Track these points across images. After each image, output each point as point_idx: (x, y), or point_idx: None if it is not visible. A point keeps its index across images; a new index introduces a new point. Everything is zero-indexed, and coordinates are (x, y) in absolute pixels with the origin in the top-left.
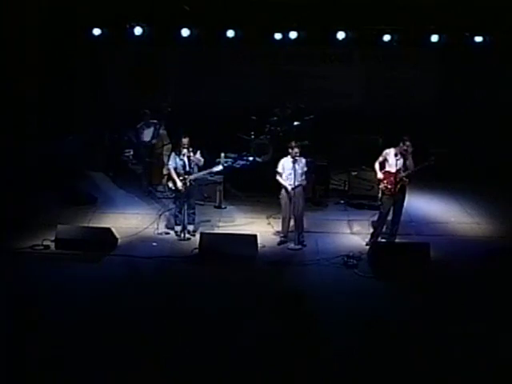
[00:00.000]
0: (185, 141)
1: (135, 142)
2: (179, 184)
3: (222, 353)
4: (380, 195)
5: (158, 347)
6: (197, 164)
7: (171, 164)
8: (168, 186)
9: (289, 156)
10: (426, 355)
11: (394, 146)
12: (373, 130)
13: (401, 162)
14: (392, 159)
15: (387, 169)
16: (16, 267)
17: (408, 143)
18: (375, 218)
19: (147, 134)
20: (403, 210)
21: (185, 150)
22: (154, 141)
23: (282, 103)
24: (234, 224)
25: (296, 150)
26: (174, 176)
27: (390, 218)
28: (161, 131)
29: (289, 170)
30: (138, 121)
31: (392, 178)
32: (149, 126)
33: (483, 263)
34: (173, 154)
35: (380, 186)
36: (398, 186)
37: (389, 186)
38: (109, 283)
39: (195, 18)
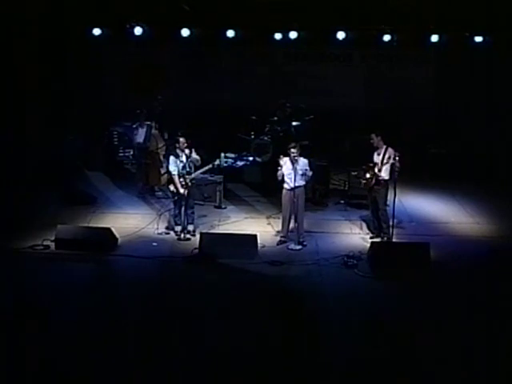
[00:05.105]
0: (182, 140)
1: (133, 142)
2: (181, 190)
3: (222, 353)
4: None
5: (157, 347)
6: (194, 163)
7: (173, 169)
8: (170, 189)
9: (288, 157)
10: (426, 355)
11: (390, 145)
12: (373, 129)
13: (379, 157)
14: (375, 156)
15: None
16: (16, 267)
17: (372, 138)
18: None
19: (141, 135)
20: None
21: (187, 151)
22: (148, 143)
23: (282, 103)
24: (234, 224)
25: (293, 150)
26: (177, 182)
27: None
28: (153, 131)
29: (289, 171)
30: (134, 121)
31: (369, 172)
32: (142, 127)
33: (483, 263)
34: (171, 157)
35: (362, 180)
36: (374, 180)
37: (363, 181)
38: (109, 283)
39: (195, 18)
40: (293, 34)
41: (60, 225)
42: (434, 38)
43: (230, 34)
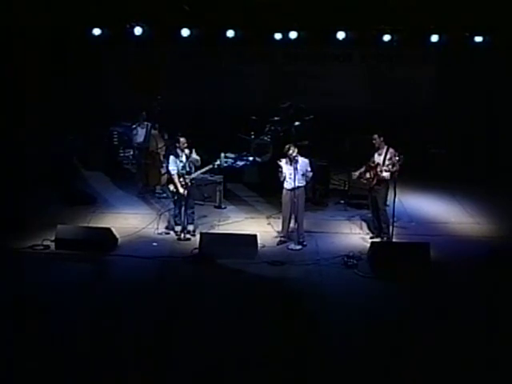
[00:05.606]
0: (183, 140)
1: (133, 142)
2: (181, 190)
3: (222, 353)
4: None
5: (157, 347)
6: (194, 164)
7: (173, 169)
8: (169, 189)
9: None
10: (425, 355)
11: (391, 146)
12: (373, 129)
13: (381, 157)
14: (376, 156)
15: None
16: (16, 267)
17: (374, 139)
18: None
19: (141, 135)
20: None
21: (187, 151)
22: (147, 143)
23: (284, 103)
24: (234, 224)
25: (290, 151)
26: (177, 181)
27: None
28: (152, 131)
29: (290, 171)
30: (134, 121)
31: (370, 172)
32: (142, 127)
33: (483, 263)
34: (172, 157)
35: (363, 180)
36: (375, 180)
37: (364, 181)
38: (109, 283)
39: (195, 18)
40: (293, 34)
41: (60, 225)
42: (434, 38)
43: (230, 34)
